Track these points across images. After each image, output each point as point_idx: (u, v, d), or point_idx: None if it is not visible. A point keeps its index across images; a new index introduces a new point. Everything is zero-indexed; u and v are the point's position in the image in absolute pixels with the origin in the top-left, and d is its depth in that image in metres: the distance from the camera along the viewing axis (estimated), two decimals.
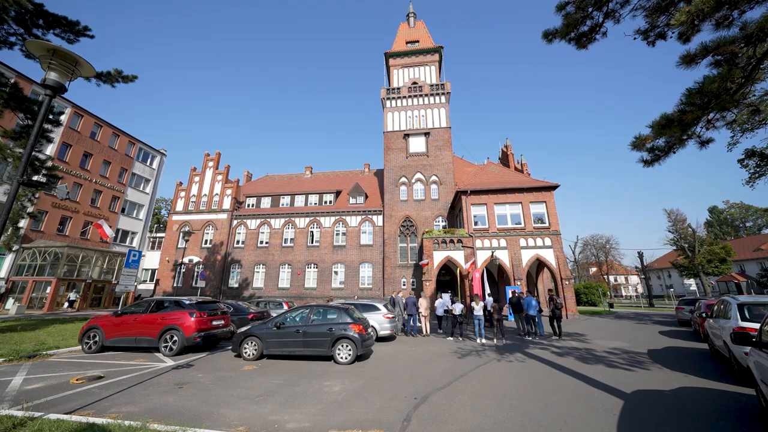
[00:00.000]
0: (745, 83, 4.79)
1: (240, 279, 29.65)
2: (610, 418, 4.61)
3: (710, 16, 4.33)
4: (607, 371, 7.35)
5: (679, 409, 5.00)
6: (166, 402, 5.18)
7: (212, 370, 7.44)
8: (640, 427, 4.32)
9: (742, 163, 17.43)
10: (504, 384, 6.37)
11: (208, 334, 9.42)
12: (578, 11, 7.26)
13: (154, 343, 9.16)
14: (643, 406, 5.09)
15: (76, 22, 12.71)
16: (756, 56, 4.50)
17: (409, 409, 4.93)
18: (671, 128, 5.32)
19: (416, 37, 35.32)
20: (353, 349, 8.05)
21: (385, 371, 7.40)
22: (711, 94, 4.74)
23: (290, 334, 8.44)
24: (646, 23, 7.04)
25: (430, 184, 28.42)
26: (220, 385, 6.17)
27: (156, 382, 6.40)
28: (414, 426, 4.34)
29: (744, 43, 4.39)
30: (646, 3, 6.97)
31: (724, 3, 4.10)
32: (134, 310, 9.87)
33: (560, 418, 4.64)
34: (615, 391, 5.89)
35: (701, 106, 4.93)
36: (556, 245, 21.27)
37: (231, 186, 32.45)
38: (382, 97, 31.47)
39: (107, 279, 27.48)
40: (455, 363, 8.24)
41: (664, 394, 5.73)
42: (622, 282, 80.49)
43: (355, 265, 28.06)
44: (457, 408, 5.03)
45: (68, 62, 4.29)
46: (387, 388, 6.08)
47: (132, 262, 12.90)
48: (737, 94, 5.07)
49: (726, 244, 35.36)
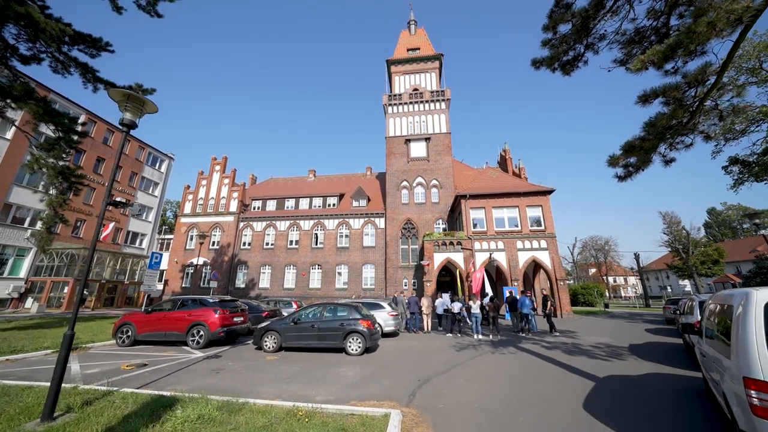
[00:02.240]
0: (693, 117, 5.77)
1: (247, 279, 30.64)
2: (581, 395, 5.59)
3: (660, 65, 5.31)
4: (588, 361, 8.32)
5: (640, 388, 5.98)
6: (209, 383, 6.18)
7: (239, 359, 8.44)
8: (602, 400, 5.31)
9: (726, 170, 18.39)
10: (495, 371, 7.36)
11: (230, 330, 10.42)
12: (562, 44, 8.27)
13: (182, 337, 10.15)
14: (609, 387, 6.07)
15: (98, 39, 13.68)
16: (699, 96, 5.48)
17: (414, 388, 5.92)
18: (635, 152, 6.30)
19: (417, 44, 36.37)
20: (362, 342, 9.03)
21: (391, 361, 8.39)
22: (664, 126, 5.72)
23: (306, 328, 9.44)
24: (623, 54, 8.07)
25: (430, 188, 29.41)
26: (251, 371, 7.16)
27: (194, 368, 7.40)
28: (418, 399, 5.33)
29: (687, 86, 5.37)
30: (621, 38, 8.00)
31: (669, 56, 5.08)
32: (163, 307, 10.88)
33: (540, 395, 5.62)
34: (591, 376, 6.87)
35: (657, 136, 5.91)
36: (551, 247, 22.23)
37: (237, 189, 33.46)
38: (384, 103, 32.50)
39: (120, 279, 28.50)
40: (454, 355, 9.22)
41: (631, 378, 6.71)
42: (621, 283, 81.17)
43: (358, 267, 29.03)
44: (454, 387, 6.02)
45: (138, 103, 5.30)
46: (394, 373, 7.07)
47: (154, 263, 13.92)
48: (689, 125, 6.06)
49: (719, 246, 36.28)
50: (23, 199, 24.03)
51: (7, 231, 22.90)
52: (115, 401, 4.71)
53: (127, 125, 5.17)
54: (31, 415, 4.19)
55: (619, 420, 4.51)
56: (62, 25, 11.29)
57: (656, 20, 7.41)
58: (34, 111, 13.07)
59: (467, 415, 4.72)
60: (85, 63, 13.80)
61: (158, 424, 3.97)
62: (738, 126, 17.07)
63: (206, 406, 4.37)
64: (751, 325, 2.85)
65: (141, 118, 5.45)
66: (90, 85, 14.57)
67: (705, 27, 4.26)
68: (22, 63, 14.43)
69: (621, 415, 4.68)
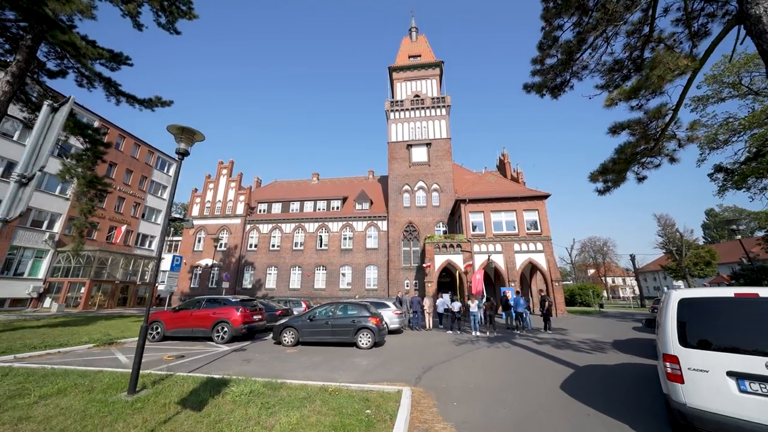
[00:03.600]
0: (657, 143, 6.84)
1: (253, 280, 31.72)
2: (560, 379, 6.65)
3: (626, 101, 6.36)
4: (572, 354, 9.37)
5: (611, 374, 7.04)
6: (245, 369, 7.24)
7: (263, 352, 9.50)
8: (575, 382, 6.37)
9: (712, 177, 19.46)
10: (490, 361, 8.42)
11: (250, 326, 11.49)
12: (549, 73, 9.33)
13: (208, 333, 11.21)
14: (584, 373, 7.13)
15: (119, 54, 14.71)
16: (660, 127, 6.55)
17: (420, 373, 6.99)
18: (609, 173, 7.37)
19: (418, 51, 37.49)
20: (372, 337, 10.10)
21: (397, 353, 9.44)
22: (632, 152, 6.79)
23: (321, 325, 10.50)
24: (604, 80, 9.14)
25: (431, 192, 30.49)
26: (277, 361, 8.23)
27: (227, 359, 8.47)
28: (424, 381, 6.39)
29: (649, 121, 6.43)
30: (601, 68, 9.07)
31: (632, 96, 6.12)
32: (189, 306, 11.94)
33: (525, 379, 6.69)
34: (572, 365, 7.93)
35: (626, 160, 6.98)
36: (547, 250, 23.29)
37: (244, 192, 34.56)
38: (387, 109, 33.59)
39: (132, 280, 29.58)
40: (453, 348, 10.28)
41: (606, 366, 7.77)
42: (620, 284, 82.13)
43: (361, 268, 30.10)
44: (453, 373, 7.08)
45: (190, 135, 6.36)
46: (401, 362, 8.13)
47: (175, 266, 14.98)
48: (654, 149, 7.13)
49: (711, 248, 37.36)
50: (41, 203, 25.11)
51: (27, 234, 23.97)
52: (177, 381, 5.78)
53: (181, 153, 6.24)
54: (116, 389, 5.25)
55: (583, 394, 5.57)
56: (100, 50, 12.36)
57: (631, 53, 8.51)
58: (65, 124, 14.12)
59: (464, 392, 5.77)
60: (108, 78, 14.85)
61: (220, 396, 5.02)
62: (721, 136, 18.17)
63: (254, 384, 5.44)
64: (669, 315, 3.91)
65: (192, 146, 6.52)
66: (113, 98, 15.67)
67: (656, 78, 5.31)
68: (49, 77, 15.55)
69: (586, 392, 5.74)
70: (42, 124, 2.30)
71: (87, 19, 12.44)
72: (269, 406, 4.61)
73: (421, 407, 4.93)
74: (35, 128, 2.29)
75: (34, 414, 4.28)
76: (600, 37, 7.98)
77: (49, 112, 2.33)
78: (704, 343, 3.55)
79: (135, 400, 4.82)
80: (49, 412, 4.36)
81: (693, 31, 7.53)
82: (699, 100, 18.67)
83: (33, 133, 2.27)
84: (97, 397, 4.91)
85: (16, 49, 13.42)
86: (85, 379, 5.80)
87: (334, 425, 3.97)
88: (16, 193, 2.14)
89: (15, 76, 12.40)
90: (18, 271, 23.65)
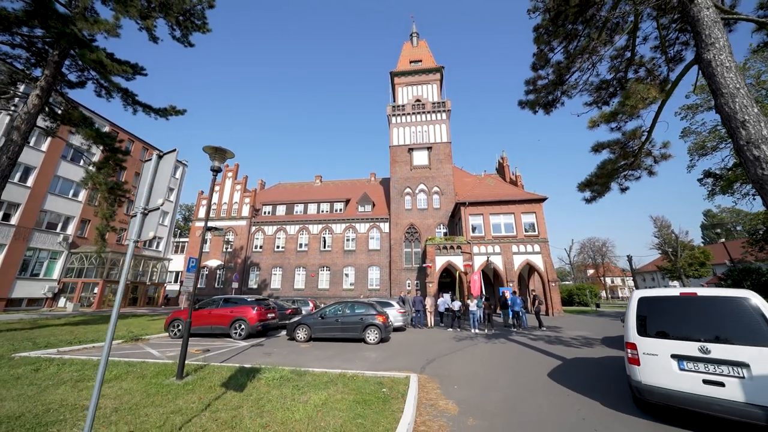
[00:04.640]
0: (636, 159, 7.71)
1: (259, 280, 32.60)
2: (548, 368, 7.52)
3: (606, 123, 7.22)
4: (563, 348, 10.23)
5: (594, 365, 7.90)
6: (268, 361, 8.10)
7: (280, 347, 10.37)
8: (561, 371, 7.24)
9: (701, 182, 20.33)
10: (487, 355, 9.28)
11: (265, 324, 12.36)
12: (541, 91, 10.19)
13: (226, 330, 12.08)
14: (571, 364, 8.00)
15: (135, 64, 15.52)
16: (638, 146, 7.42)
17: (424, 364, 7.86)
18: (593, 185, 8.23)
19: (419, 56, 38.37)
20: (379, 333, 10.96)
21: (403, 348, 10.31)
22: (612, 168, 7.65)
23: (331, 322, 11.37)
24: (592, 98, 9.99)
25: (432, 194, 31.36)
26: (294, 354, 9.10)
27: (248, 352, 9.34)
28: (428, 370, 7.26)
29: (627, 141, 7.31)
30: (589, 87, 9.93)
31: (611, 119, 6.97)
32: (208, 305, 12.81)
33: (517, 369, 7.56)
34: (561, 357, 8.79)
35: (608, 174, 7.84)
36: (544, 251, 24.15)
37: (249, 195, 35.45)
38: (388, 113, 34.47)
39: (141, 281, 30.47)
40: (453, 344, 11.15)
41: (591, 359, 8.63)
42: (619, 284, 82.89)
43: (364, 268, 30.98)
44: (454, 364, 7.95)
45: (222, 153, 7.23)
46: (407, 355, 9.00)
47: (191, 267, 15.82)
48: (634, 165, 8.00)
49: (705, 249, 38.22)
50: (56, 206, 26.00)
51: (42, 236, 24.86)
52: (214, 370, 6.65)
53: (215, 170, 7.11)
54: (165, 375, 6.12)
55: (566, 381, 6.45)
56: (125, 66, 13.21)
57: (616, 74, 9.39)
58: (88, 134, 15.00)
59: (464, 378, 6.64)
60: (126, 88, 15.71)
61: (254, 380, 5.89)
62: (709, 143, 19.03)
63: (282, 371, 6.31)
64: (631, 311, 4.77)
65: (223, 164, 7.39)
66: (130, 107, 16.58)
67: (629, 107, 6.16)
68: (69, 88, 16.47)
69: (569, 379, 6.62)
70: (153, 169, 3.15)
71: (112, 37, 13.33)
72: (299, 387, 5.48)
73: (426, 389, 5.80)
74: (149, 172, 3.15)
75: (105, 392, 5.14)
76: (586, 62, 8.85)
77: (157, 159, 3.19)
78: (656, 332, 4.41)
79: (184, 383, 5.69)
80: (117, 392, 5.23)
81: (669, 57, 8.43)
82: (689, 109, 19.53)
83: (148, 176, 3.12)
84: (153, 380, 5.78)
85: (41, 63, 14.33)
86: (134, 368, 6.67)
87: (356, 400, 4.84)
88: (142, 221, 2.99)
89: (43, 90, 13.31)
90: (34, 272, 24.54)
